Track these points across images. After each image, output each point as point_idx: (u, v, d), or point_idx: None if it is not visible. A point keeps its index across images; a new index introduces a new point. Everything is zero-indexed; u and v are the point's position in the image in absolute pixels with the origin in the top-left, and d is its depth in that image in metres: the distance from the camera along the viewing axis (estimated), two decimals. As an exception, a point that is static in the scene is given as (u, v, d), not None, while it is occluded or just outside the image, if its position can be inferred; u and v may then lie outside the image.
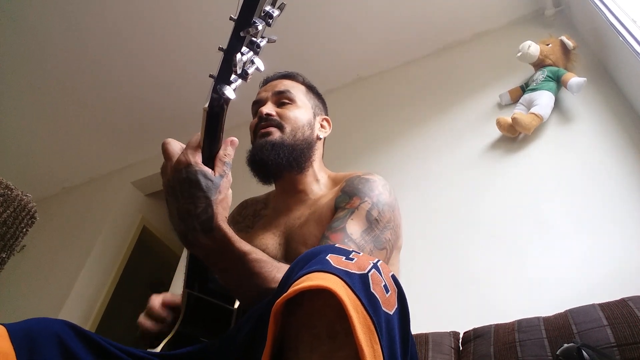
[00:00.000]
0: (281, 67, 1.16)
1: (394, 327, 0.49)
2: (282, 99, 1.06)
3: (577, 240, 1.52)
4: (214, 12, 2.14)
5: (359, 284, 0.48)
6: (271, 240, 0.95)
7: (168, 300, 0.91)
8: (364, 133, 2.37)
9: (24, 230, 1.29)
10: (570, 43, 1.93)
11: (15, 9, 2.27)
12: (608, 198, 1.57)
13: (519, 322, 1.17)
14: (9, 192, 1.24)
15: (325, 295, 0.46)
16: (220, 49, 0.57)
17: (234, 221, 1.12)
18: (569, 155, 1.75)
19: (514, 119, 1.82)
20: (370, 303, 0.47)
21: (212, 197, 0.63)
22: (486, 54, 2.33)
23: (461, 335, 1.30)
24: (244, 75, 0.58)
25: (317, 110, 1.12)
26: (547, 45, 1.99)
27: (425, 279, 1.64)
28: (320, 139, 1.10)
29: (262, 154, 0.98)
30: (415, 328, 0.67)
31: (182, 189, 0.63)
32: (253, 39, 0.56)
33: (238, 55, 0.55)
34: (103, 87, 2.74)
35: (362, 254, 0.54)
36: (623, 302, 1.06)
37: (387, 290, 0.50)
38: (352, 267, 0.50)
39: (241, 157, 1.06)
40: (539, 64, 1.99)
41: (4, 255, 1.23)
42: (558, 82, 1.88)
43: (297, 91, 1.09)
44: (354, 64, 2.65)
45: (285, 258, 0.88)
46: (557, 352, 0.97)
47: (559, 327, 1.08)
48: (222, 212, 0.65)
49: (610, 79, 1.87)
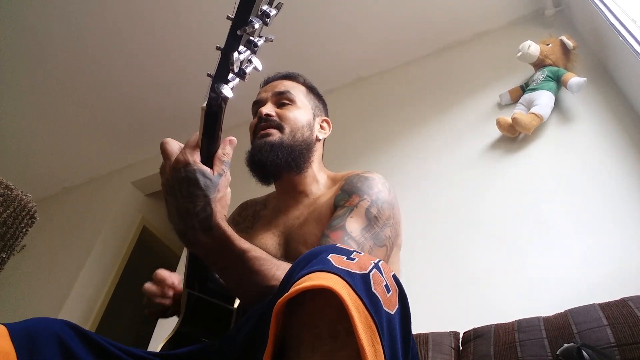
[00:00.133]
0: (281, 67, 1.16)
1: (395, 327, 0.49)
2: (282, 100, 1.06)
3: (577, 240, 1.52)
4: (214, 12, 2.14)
5: (361, 283, 0.48)
6: (270, 240, 0.96)
7: (175, 283, 0.97)
8: (364, 133, 2.37)
9: (24, 230, 1.29)
10: (570, 43, 1.93)
11: (15, 9, 2.27)
12: (608, 198, 1.57)
13: (519, 322, 1.17)
14: (9, 192, 1.24)
15: (327, 295, 0.46)
16: (218, 48, 0.57)
17: (234, 222, 1.12)
18: (569, 155, 1.75)
19: (514, 119, 1.82)
20: (371, 303, 0.47)
21: (210, 196, 0.63)
22: (486, 54, 2.33)
23: (461, 335, 1.30)
24: (241, 74, 0.58)
25: (317, 111, 1.12)
26: (547, 45, 1.99)
27: (425, 279, 1.64)
28: (319, 140, 1.10)
29: (260, 154, 0.98)
30: (415, 328, 0.67)
31: (180, 188, 0.63)
32: (250, 38, 0.56)
33: (235, 54, 0.55)
34: (103, 87, 2.74)
35: (363, 253, 0.54)
36: (623, 302, 1.06)
37: (389, 290, 0.50)
38: (354, 267, 0.50)
39: (241, 158, 1.06)
40: (539, 64, 1.99)
41: (4, 255, 1.23)
42: (558, 82, 1.88)
43: (298, 92, 1.09)
44: (354, 64, 2.65)
45: (285, 258, 0.88)
46: (557, 352, 0.97)
47: (559, 327, 1.08)
48: (221, 211, 0.65)
49: (610, 79, 1.88)
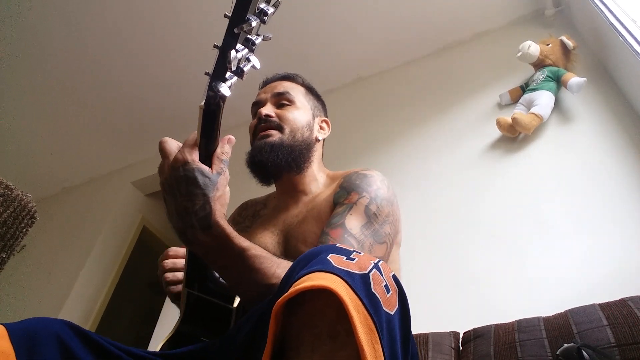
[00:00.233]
0: (281, 67, 1.16)
1: (395, 327, 0.49)
2: (282, 101, 1.06)
3: (577, 240, 1.52)
4: (214, 12, 2.13)
5: (360, 284, 0.48)
6: (270, 239, 0.96)
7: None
8: (364, 133, 2.37)
9: (24, 230, 1.29)
10: (570, 43, 1.93)
11: (16, 8, 2.27)
12: (608, 198, 1.57)
13: (519, 322, 1.17)
14: (9, 192, 1.24)
15: (327, 295, 0.46)
16: (216, 46, 0.57)
17: (235, 222, 1.12)
18: (569, 155, 1.75)
19: (514, 119, 1.82)
20: (371, 303, 0.47)
21: (209, 194, 0.63)
22: (486, 54, 2.33)
23: (461, 335, 1.30)
24: (239, 72, 0.58)
25: (317, 111, 1.12)
26: (547, 45, 1.99)
27: (425, 279, 1.64)
28: (319, 140, 1.10)
29: (260, 155, 0.98)
30: (415, 328, 0.67)
31: (179, 187, 0.63)
32: (248, 36, 0.56)
33: (233, 52, 0.55)
34: (103, 87, 2.74)
35: (363, 253, 0.54)
36: (623, 302, 1.06)
37: (388, 291, 0.50)
38: (353, 267, 0.50)
39: (241, 157, 1.07)
40: (539, 64, 1.99)
41: (4, 255, 1.23)
42: (558, 82, 1.88)
43: (297, 92, 1.09)
44: (354, 64, 2.65)
45: (284, 256, 0.88)
46: (557, 352, 0.97)
47: (559, 327, 1.08)
48: (220, 209, 0.65)
49: (610, 79, 1.87)
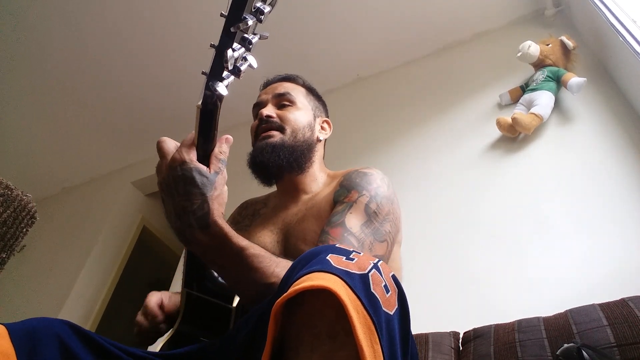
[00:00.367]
0: (281, 67, 1.16)
1: (394, 327, 0.49)
2: (283, 101, 1.06)
3: (577, 240, 1.52)
4: (214, 12, 2.13)
5: (360, 284, 0.48)
6: (269, 238, 0.96)
7: (165, 303, 0.93)
8: (364, 133, 2.37)
9: (24, 230, 1.29)
10: (570, 43, 1.93)
11: (16, 8, 2.27)
12: (608, 198, 1.57)
13: (519, 322, 1.17)
14: (9, 192, 1.24)
15: (326, 295, 0.46)
16: (212, 45, 0.57)
17: (235, 221, 1.12)
18: (569, 155, 1.75)
19: (514, 119, 1.82)
20: (370, 303, 0.47)
21: (207, 194, 0.63)
22: (486, 54, 2.33)
23: (461, 335, 1.30)
24: (236, 71, 0.57)
25: (318, 112, 1.13)
26: (547, 45, 1.98)
27: (425, 279, 1.64)
28: (320, 140, 1.10)
29: (262, 156, 0.98)
30: (415, 328, 0.67)
31: (177, 186, 0.63)
32: (245, 35, 0.56)
33: (229, 52, 0.55)
34: (103, 87, 2.74)
35: (362, 253, 0.54)
36: (623, 302, 1.06)
37: (388, 291, 0.50)
38: (353, 267, 0.50)
39: (240, 158, 1.07)
40: (539, 64, 1.99)
41: (4, 255, 1.23)
42: (558, 82, 1.88)
43: (297, 93, 1.09)
44: (354, 64, 2.65)
45: (284, 255, 0.88)
46: (557, 352, 0.97)
47: (559, 327, 1.08)
48: (218, 208, 0.65)
49: (610, 79, 1.87)
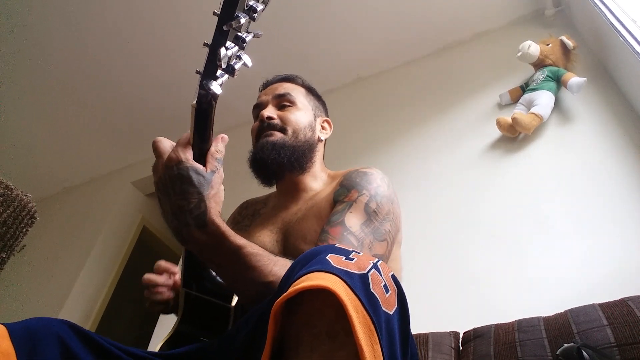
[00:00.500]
0: (281, 67, 1.17)
1: (394, 327, 0.49)
2: (283, 102, 1.06)
3: (577, 240, 1.52)
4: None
5: (359, 283, 0.48)
6: (268, 237, 0.96)
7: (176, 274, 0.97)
8: (364, 133, 2.37)
9: (24, 230, 1.29)
10: (570, 43, 1.93)
11: (16, 8, 2.27)
12: (608, 198, 1.57)
13: (519, 322, 1.17)
14: (9, 192, 1.24)
15: (325, 295, 0.46)
16: (205, 44, 0.57)
17: (235, 221, 1.12)
18: (569, 155, 1.75)
19: (514, 119, 1.82)
20: (370, 303, 0.47)
21: (204, 193, 0.63)
22: (486, 54, 2.33)
23: (461, 335, 1.30)
24: (230, 70, 0.57)
25: (318, 111, 1.13)
26: (547, 45, 1.98)
27: (425, 279, 1.64)
28: (321, 140, 1.10)
29: (262, 153, 0.98)
30: (415, 328, 0.67)
31: (173, 186, 0.63)
32: (238, 33, 0.56)
33: (222, 50, 0.55)
34: (103, 87, 2.74)
35: (362, 253, 0.54)
36: (623, 302, 1.06)
37: (387, 290, 0.50)
38: (352, 267, 0.50)
39: (240, 158, 1.07)
40: (539, 64, 1.99)
41: (4, 255, 1.23)
42: (558, 82, 1.88)
43: (297, 93, 1.10)
44: (354, 64, 2.65)
45: (283, 254, 0.88)
46: (557, 352, 0.97)
47: (559, 327, 1.08)
48: (215, 207, 0.65)
49: (610, 79, 1.87)
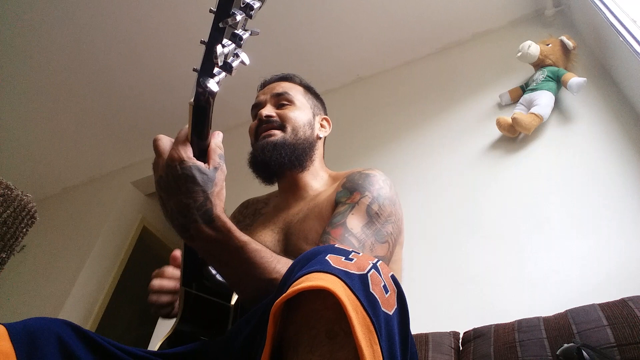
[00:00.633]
0: (281, 67, 1.17)
1: (394, 327, 0.49)
2: (281, 101, 1.07)
3: (577, 240, 1.52)
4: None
5: (359, 284, 0.48)
6: (270, 237, 0.96)
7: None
8: (364, 133, 2.37)
9: (24, 230, 1.29)
10: (570, 43, 1.93)
11: (15, 8, 2.27)
12: (608, 198, 1.57)
13: (519, 322, 1.17)
14: (9, 192, 1.24)
15: (325, 295, 0.46)
16: (202, 42, 0.56)
17: (236, 220, 1.12)
18: (569, 155, 1.75)
19: (514, 119, 1.82)
20: (369, 303, 0.47)
21: (209, 191, 0.63)
22: (486, 54, 2.33)
23: (461, 335, 1.30)
24: (227, 68, 0.57)
25: (317, 110, 1.13)
26: (547, 45, 1.98)
27: (425, 279, 1.64)
28: (320, 138, 1.11)
29: (264, 154, 0.98)
30: (415, 328, 0.67)
31: (178, 185, 0.63)
32: (235, 31, 0.55)
33: (219, 47, 0.55)
34: (103, 87, 2.74)
35: (361, 254, 0.54)
36: (623, 302, 1.06)
37: (387, 291, 0.50)
38: (352, 268, 0.50)
39: (240, 158, 1.07)
40: (539, 64, 1.99)
41: (4, 255, 1.23)
42: (558, 82, 1.88)
43: (296, 92, 1.10)
44: (354, 64, 2.65)
45: (284, 254, 0.88)
46: (557, 352, 0.97)
47: (559, 327, 1.08)
48: (220, 204, 0.65)
49: (610, 79, 1.87)
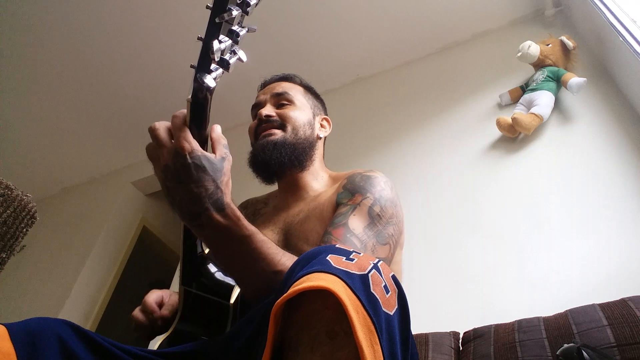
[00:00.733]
0: (281, 66, 1.17)
1: (394, 327, 0.49)
2: (281, 101, 1.07)
3: (577, 240, 1.52)
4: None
5: (359, 284, 0.48)
6: (270, 237, 0.95)
7: (165, 301, 0.92)
8: (364, 133, 2.37)
9: (24, 230, 1.29)
10: (570, 43, 1.93)
11: (15, 8, 2.27)
12: (608, 198, 1.57)
13: (519, 322, 1.17)
14: (9, 192, 1.24)
15: (325, 295, 0.46)
16: (199, 38, 0.57)
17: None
18: (569, 155, 1.75)
19: (514, 119, 1.82)
20: (370, 303, 0.47)
21: (218, 180, 0.64)
22: (486, 54, 2.33)
23: (461, 335, 1.30)
24: (224, 64, 0.57)
25: (317, 110, 1.13)
26: (547, 45, 1.98)
27: (425, 279, 1.64)
28: (320, 138, 1.11)
29: (264, 154, 0.98)
30: (415, 328, 0.67)
31: (189, 175, 0.63)
32: (232, 27, 0.56)
33: (215, 43, 0.55)
34: (103, 87, 2.74)
35: (362, 254, 0.54)
36: (623, 302, 1.06)
37: (387, 291, 0.50)
38: (353, 268, 0.50)
39: (241, 158, 1.06)
40: (539, 64, 1.99)
41: (4, 255, 1.23)
42: (558, 82, 1.88)
43: (295, 92, 1.10)
44: (354, 64, 2.65)
45: None
46: (557, 352, 0.97)
47: (559, 327, 1.08)
48: (229, 193, 0.66)
49: (610, 79, 1.87)
